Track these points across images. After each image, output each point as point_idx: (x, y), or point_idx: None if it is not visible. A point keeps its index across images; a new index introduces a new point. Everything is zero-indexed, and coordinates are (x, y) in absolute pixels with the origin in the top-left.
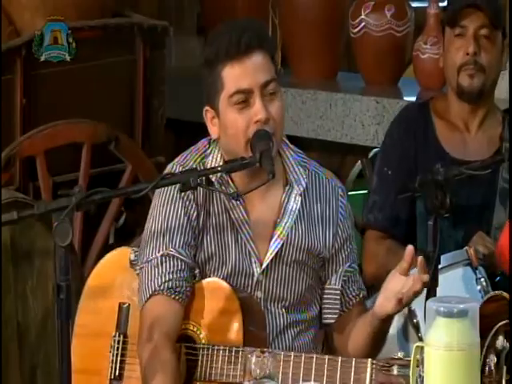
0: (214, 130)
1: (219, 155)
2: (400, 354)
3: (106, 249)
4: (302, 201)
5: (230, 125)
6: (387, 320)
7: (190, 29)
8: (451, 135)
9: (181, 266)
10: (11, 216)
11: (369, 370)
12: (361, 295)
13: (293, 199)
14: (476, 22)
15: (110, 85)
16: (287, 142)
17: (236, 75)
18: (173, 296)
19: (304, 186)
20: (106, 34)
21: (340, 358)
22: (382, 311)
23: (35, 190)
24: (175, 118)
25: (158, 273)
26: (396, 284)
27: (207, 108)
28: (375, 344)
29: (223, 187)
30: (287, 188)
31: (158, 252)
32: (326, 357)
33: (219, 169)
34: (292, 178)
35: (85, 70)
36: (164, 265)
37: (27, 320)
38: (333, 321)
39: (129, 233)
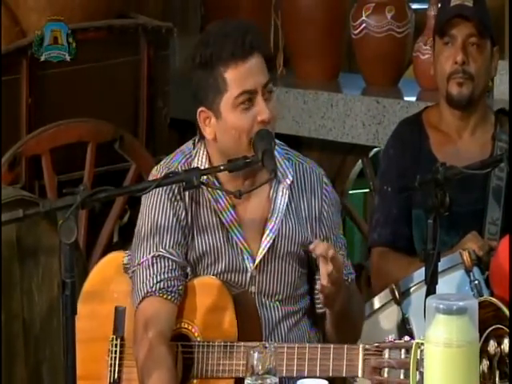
0: (209, 131)
1: (204, 156)
2: (391, 338)
3: (111, 246)
4: (289, 194)
5: (233, 125)
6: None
7: (194, 30)
8: (444, 146)
9: (172, 265)
10: (17, 214)
11: (361, 355)
12: (349, 279)
13: (280, 193)
14: (464, 32)
15: (115, 85)
16: None
17: (241, 76)
18: (165, 296)
19: (291, 178)
20: (111, 35)
21: (332, 346)
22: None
23: (41, 188)
24: (179, 118)
25: (150, 274)
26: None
27: (203, 109)
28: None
29: (209, 189)
30: (274, 183)
31: (149, 254)
32: (319, 345)
33: (222, 168)
34: (279, 172)
35: (90, 70)
36: (155, 266)
37: (33, 316)
38: (324, 309)
39: (133, 231)
